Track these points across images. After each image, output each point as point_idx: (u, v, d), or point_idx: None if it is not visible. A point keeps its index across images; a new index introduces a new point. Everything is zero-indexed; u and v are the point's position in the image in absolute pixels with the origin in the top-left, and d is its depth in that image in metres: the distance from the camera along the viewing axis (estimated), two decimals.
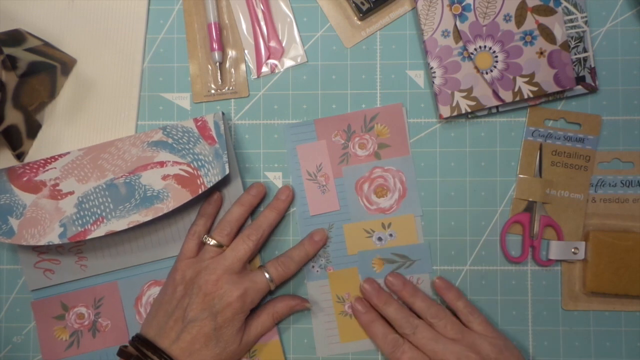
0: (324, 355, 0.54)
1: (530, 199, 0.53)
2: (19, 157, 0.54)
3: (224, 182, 0.53)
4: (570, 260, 0.53)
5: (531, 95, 0.52)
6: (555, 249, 0.53)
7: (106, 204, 0.50)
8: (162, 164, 0.51)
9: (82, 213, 0.50)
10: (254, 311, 0.51)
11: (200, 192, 0.50)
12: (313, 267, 0.54)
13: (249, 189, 0.53)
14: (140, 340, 0.48)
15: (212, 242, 0.50)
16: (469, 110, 0.52)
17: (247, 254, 0.50)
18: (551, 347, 0.53)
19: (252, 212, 0.53)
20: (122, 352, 0.48)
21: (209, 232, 0.52)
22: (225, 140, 0.51)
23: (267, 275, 0.50)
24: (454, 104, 0.52)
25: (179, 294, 0.49)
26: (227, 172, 0.50)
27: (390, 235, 0.54)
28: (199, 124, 0.52)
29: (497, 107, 0.53)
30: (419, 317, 0.51)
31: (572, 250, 0.52)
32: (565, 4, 0.53)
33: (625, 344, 0.53)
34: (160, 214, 0.49)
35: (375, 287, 0.52)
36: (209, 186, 0.50)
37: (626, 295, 0.52)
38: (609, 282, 0.52)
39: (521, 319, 0.53)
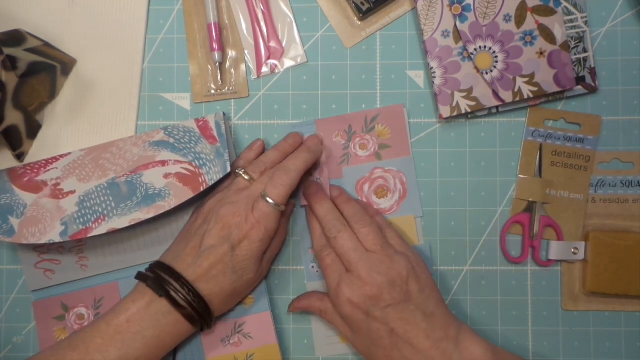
0: (324, 356, 0.54)
1: (530, 199, 0.53)
2: (19, 157, 0.54)
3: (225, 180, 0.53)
4: (570, 261, 0.53)
5: (531, 96, 0.52)
6: (555, 249, 0.53)
7: (107, 203, 0.50)
8: (163, 163, 0.51)
9: (83, 212, 0.50)
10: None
11: (201, 189, 0.50)
12: (313, 267, 0.54)
13: (287, 137, 0.53)
14: (157, 264, 0.48)
15: (245, 175, 0.50)
16: (469, 110, 0.52)
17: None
18: (551, 347, 0.53)
19: None
20: (140, 274, 0.48)
21: None
22: (226, 140, 0.51)
23: (269, 200, 0.47)
24: (454, 104, 0.53)
25: (198, 222, 0.49)
26: (229, 170, 0.50)
27: None
28: (200, 124, 0.52)
29: (497, 107, 0.53)
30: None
31: (572, 250, 0.53)
32: (565, 4, 0.53)
33: (625, 344, 0.53)
34: (162, 211, 0.49)
35: (316, 187, 0.52)
36: (210, 184, 0.50)
37: (626, 295, 0.52)
38: (609, 282, 0.52)
39: (521, 319, 0.53)
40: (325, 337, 0.54)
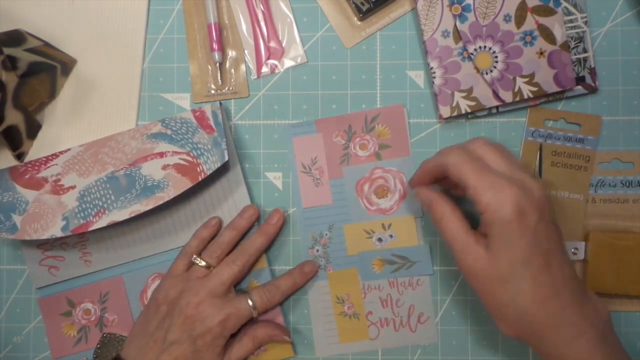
0: (324, 356, 0.54)
1: None
2: (19, 157, 0.54)
3: (224, 169, 0.53)
4: None
5: (531, 96, 0.52)
6: None
7: (107, 196, 0.50)
8: (161, 154, 0.51)
9: (83, 206, 0.50)
10: (234, 334, 0.51)
11: (200, 179, 0.50)
12: None
13: (242, 212, 0.53)
14: None
15: (202, 262, 0.50)
16: (469, 110, 0.52)
17: (230, 278, 0.50)
18: None
19: (244, 235, 0.53)
20: None
21: (200, 254, 0.51)
22: (223, 128, 0.51)
23: (250, 302, 0.49)
24: (454, 104, 0.53)
25: (160, 314, 0.49)
26: (226, 158, 0.50)
27: (391, 236, 0.54)
28: (197, 114, 0.52)
29: (497, 107, 0.53)
30: None
31: (572, 250, 0.53)
32: (565, 4, 0.53)
33: (625, 344, 0.53)
34: (161, 202, 0.50)
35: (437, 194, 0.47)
36: (208, 173, 0.50)
37: (626, 295, 0.52)
38: (609, 282, 0.52)
39: None
40: (325, 337, 0.54)
